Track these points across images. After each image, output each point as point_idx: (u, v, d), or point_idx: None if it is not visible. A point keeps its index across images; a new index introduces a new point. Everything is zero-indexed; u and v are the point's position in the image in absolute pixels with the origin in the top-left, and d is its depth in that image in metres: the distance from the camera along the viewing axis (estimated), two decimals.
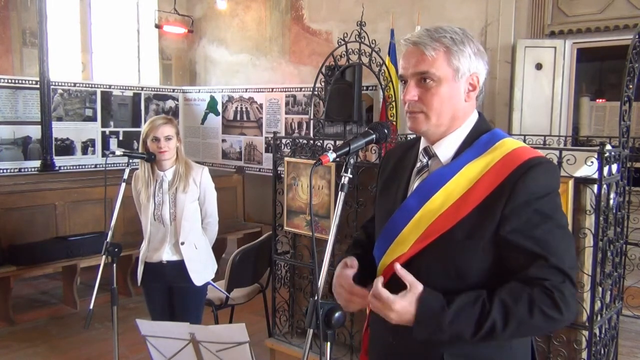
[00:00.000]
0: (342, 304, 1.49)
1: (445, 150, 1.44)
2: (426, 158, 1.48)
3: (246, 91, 7.97)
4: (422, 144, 1.50)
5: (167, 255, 3.03)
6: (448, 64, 1.38)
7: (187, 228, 3.03)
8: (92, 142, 7.50)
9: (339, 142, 2.42)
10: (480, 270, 1.35)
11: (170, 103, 8.43)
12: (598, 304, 2.45)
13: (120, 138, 7.77)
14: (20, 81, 6.78)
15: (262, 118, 7.77)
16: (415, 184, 1.48)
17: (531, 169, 1.32)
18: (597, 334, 2.49)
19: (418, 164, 1.51)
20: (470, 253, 1.35)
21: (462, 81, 1.41)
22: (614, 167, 2.56)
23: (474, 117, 1.47)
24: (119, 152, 3.03)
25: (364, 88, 6.40)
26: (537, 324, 1.30)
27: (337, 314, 1.36)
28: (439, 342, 1.34)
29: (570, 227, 2.32)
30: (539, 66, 5.57)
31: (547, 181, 1.34)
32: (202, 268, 3.10)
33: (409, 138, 2.98)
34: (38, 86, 6.60)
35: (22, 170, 6.76)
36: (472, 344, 1.33)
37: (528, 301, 1.29)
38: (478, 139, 1.43)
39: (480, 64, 1.43)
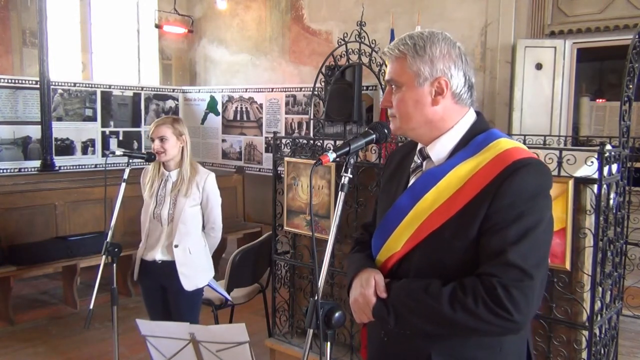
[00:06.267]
0: (357, 318, 1.50)
1: (438, 151, 1.45)
2: (420, 159, 1.50)
3: (246, 91, 7.96)
4: (419, 145, 1.52)
5: (160, 255, 3.02)
6: (406, 70, 1.41)
7: (183, 231, 2.99)
8: (92, 142, 7.50)
9: (339, 142, 2.42)
10: (467, 270, 1.34)
11: (170, 103, 8.43)
12: (598, 304, 2.45)
13: (120, 138, 7.77)
14: (20, 81, 6.77)
15: (262, 118, 7.77)
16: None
17: (519, 170, 1.31)
18: (597, 334, 2.49)
19: (412, 165, 1.52)
20: (457, 252, 1.36)
21: (426, 86, 1.41)
22: (614, 167, 2.56)
23: (469, 118, 1.46)
24: (118, 152, 3.04)
25: (364, 88, 6.40)
26: (483, 316, 1.27)
27: (337, 314, 1.36)
28: (391, 312, 1.39)
29: (570, 227, 2.33)
30: (539, 66, 5.57)
31: (535, 182, 1.32)
32: (193, 273, 3.02)
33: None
34: (38, 86, 6.59)
35: (22, 170, 6.75)
36: (419, 316, 1.35)
37: (472, 292, 1.28)
38: (473, 139, 1.42)
39: (449, 67, 1.40)
